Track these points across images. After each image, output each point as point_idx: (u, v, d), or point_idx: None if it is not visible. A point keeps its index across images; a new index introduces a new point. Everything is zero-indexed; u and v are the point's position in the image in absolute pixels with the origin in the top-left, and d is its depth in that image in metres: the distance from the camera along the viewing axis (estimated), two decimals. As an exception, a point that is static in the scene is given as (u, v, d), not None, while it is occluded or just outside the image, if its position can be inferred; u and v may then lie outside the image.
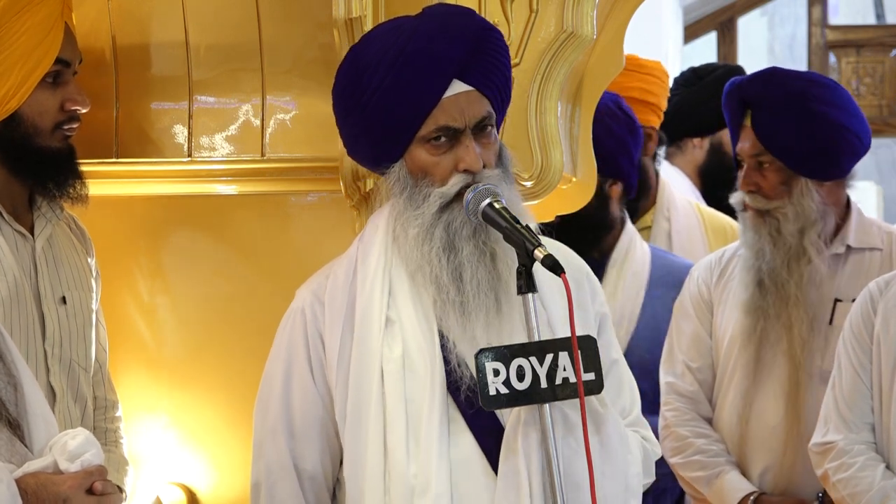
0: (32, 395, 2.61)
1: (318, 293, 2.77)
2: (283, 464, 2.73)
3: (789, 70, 3.78)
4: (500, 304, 2.64)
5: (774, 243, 3.63)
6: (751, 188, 3.65)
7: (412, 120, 2.64)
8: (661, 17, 8.77)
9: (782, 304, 3.62)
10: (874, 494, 3.24)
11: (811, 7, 10.75)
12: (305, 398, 2.74)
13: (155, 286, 3.49)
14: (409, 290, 2.69)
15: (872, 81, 10.54)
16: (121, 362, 3.44)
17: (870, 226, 3.76)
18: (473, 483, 2.62)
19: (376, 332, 2.67)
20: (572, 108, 3.44)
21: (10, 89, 3.05)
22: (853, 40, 10.69)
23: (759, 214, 3.65)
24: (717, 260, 3.86)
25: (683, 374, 3.77)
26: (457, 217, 2.65)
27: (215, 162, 3.46)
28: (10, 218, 3.12)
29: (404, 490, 2.60)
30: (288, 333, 2.78)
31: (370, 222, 2.81)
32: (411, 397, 2.64)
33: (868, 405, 3.32)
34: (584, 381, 2.57)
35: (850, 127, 3.64)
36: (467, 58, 2.66)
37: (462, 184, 2.64)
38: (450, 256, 2.64)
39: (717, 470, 3.65)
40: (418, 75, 2.63)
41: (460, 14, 2.74)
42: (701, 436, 3.70)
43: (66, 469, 2.49)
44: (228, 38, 3.43)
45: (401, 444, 2.61)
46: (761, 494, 3.62)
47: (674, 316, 3.87)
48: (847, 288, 3.65)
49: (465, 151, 2.64)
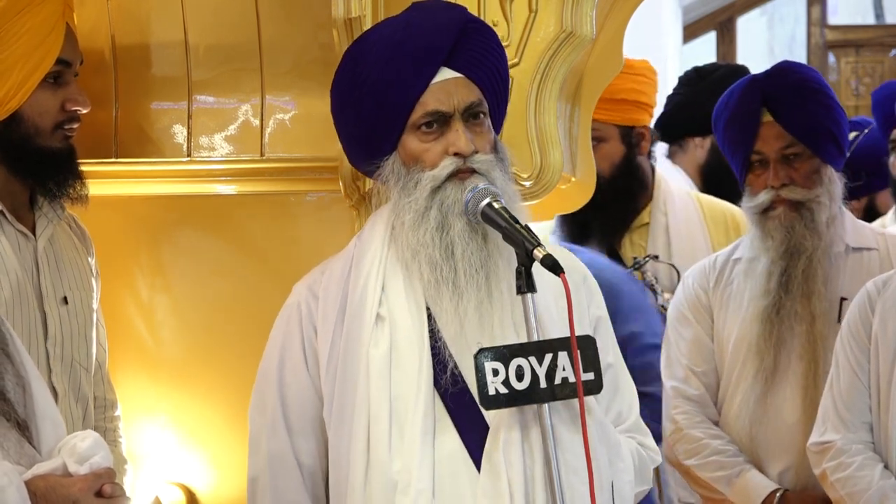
0: (41, 396, 2.62)
1: (314, 288, 2.79)
2: (285, 458, 2.74)
3: (794, 62, 3.82)
4: (490, 284, 2.65)
5: (807, 236, 3.63)
6: (784, 181, 3.64)
7: (402, 106, 2.67)
8: (660, 16, 8.78)
9: (806, 299, 3.63)
10: (872, 494, 3.24)
11: (810, 7, 10.75)
12: (301, 393, 2.75)
13: (154, 286, 3.50)
14: (402, 284, 2.71)
15: (872, 81, 10.54)
16: (120, 362, 3.45)
17: (862, 227, 3.80)
18: (456, 480, 2.62)
19: (365, 329, 2.68)
20: (571, 107, 3.44)
21: (10, 89, 3.06)
22: (852, 40, 10.69)
23: (794, 208, 3.64)
24: (711, 265, 3.84)
25: (688, 379, 3.76)
26: (449, 195, 2.66)
27: (215, 162, 3.46)
28: (12, 218, 3.12)
29: (386, 485, 2.61)
30: (284, 328, 2.79)
31: (369, 221, 2.83)
32: (397, 393, 2.65)
33: (866, 404, 3.32)
34: (584, 381, 2.57)
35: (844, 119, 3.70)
36: (454, 46, 2.70)
37: (453, 167, 2.66)
38: (442, 235, 2.66)
39: (737, 469, 3.65)
40: (407, 62, 2.67)
41: (448, 7, 2.80)
42: (715, 437, 3.70)
43: (75, 471, 2.50)
44: (228, 38, 3.43)
45: (384, 440, 2.62)
46: (786, 492, 3.62)
47: (669, 322, 3.85)
48: (850, 286, 3.65)
49: (455, 136, 2.67)
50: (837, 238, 3.67)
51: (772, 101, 3.65)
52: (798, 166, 3.65)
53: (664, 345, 3.87)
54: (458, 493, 2.61)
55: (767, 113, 3.66)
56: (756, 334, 3.66)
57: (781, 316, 3.64)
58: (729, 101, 3.76)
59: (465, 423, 2.64)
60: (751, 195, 3.70)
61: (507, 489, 2.57)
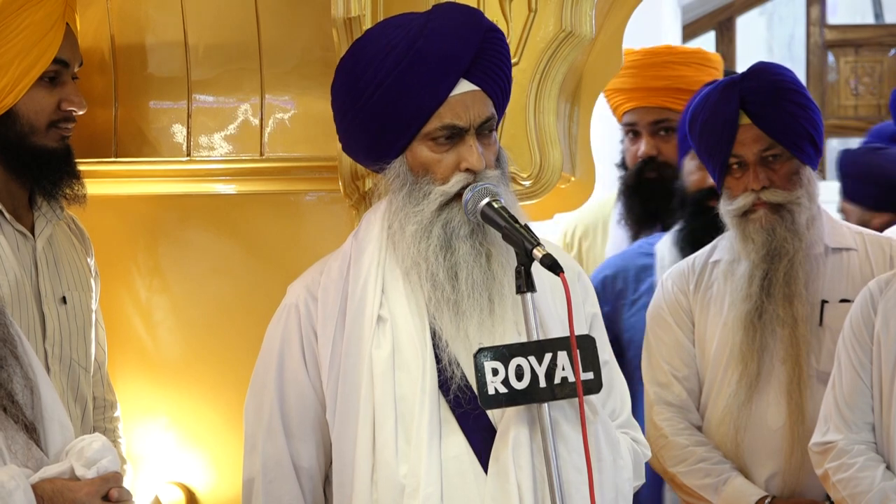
0: (49, 398, 2.62)
1: (312, 289, 2.76)
2: (281, 461, 2.73)
3: (770, 62, 3.80)
4: (494, 305, 2.64)
5: (788, 239, 3.61)
6: (764, 184, 3.63)
7: (417, 116, 2.65)
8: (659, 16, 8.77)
9: (788, 302, 3.61)
10: (874, 495, 3.23)
11: (810, 6, 10.75)
12: (301, 395, 2.73)
13: (153, 285, 3.49)
14: (402, 287, 2.69)
15: (871, 81, 10.54)
16: (119, 361, 3.45)
17: (840, 226, 3.77)
18: (463, 483, 2.61)
19: (367, 331, 2.66)
20: (571, 107, 3.44)
21: (6, 86, 3.05)
22: (852, 40, 10.68)
23: (775, 210, 3.63)
24: (689, 267, 3.81)
25: (670, 384, 3.73)
26: (455, 216, 2.65)
27: (214, 161, 3.46)
28: (11, 218, 3.12)
29: (394, 490, 2.60)
30: (282, 329, 2.76)
31: (365, 219, 2.80)
32: (402, 396, 2.63)
33: (868, 405, 3.32)
34: (583, 381, 2.57)
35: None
36: (474, 58, 2.67)
37: (463, 183, 2.65)
38: (446, 255, 2.64)
39: (723, 476, 3.63)
40: (428, 72, 2.63)
41: (468, 13, 2.74)
42: (700, 444, 3.69)
43: (82, 475, 2.50)
44: (227, 38, 3.43)
45: (390, 444, 2.61)
46: (774, 498, 3.61)
47: (648, 324, 3.81)
48: (830, 289, 3.64)
49: (468, 151, 2.65)
50: (817, 239, 3.65)
51: (749, 104, 3.63)
52: (777, 168, 3.63)
53: (644, 348, 3.83)
54: (467, 496, 2.60)
55: (745, 115, 3.64)
56: (739, 340, 3.63)
57: (764, 320, 3.62)
58: (705, 103, 3.71)
59: (469, 424, 2.63)
60: (729, 198, 3.67)
61: (515, 491, 2.57)
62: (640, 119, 4.62)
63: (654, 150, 4.59)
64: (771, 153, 3.62)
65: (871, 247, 3.69)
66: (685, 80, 4.54)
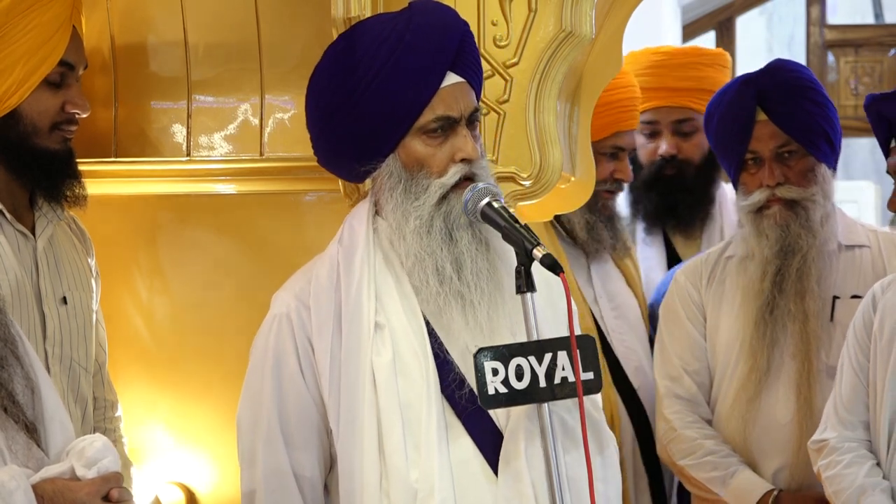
0: (50, 399, 2.62)
1: (302, 297, 2.73)
2: (282, 473, 2.71)
3: (788, 60, 3.81)
4: (496, 293, 2.65)
5: (801, 235, 3.62)
6: (779, 180, 3.64)
7: (411, 109, 2.66)
8: (659, 15, 8.78)
9: (799, 298, 3.62)
10: (853, 492, 3.23)
11: (810, 6, 10.74)
12: (300, 404, 2.71)
13: (154, 285, 3.49)
14: (395, 292, 2.69)
15: (871, 81, 10.54)
16: (120, 362, 3.45)
17: (853, 224, 3.79)
18: (474, 484, 2.61)
19: (365, 338, 2.65)
20: (571, 107, 3.44)
21: (11, 86, 3.05)
22: (852, 40, 10.68)
23: (789, 207, 3.64)
24: (702, 262, 3.84)
25: (681, 378, 3.76)
26: (454, 207, 2.66)
27: (214, 161, 3.46)
28: (11, 218, 3.12)
29: (406, 495, 2.59)
30: (273, 340, 2.73)
31: (346, 223, 2.78)
32: (406, 401, 2.63)
33: (864, 403, 3.33)
34: (583, 381, 2.57)
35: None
36: (458, 50, 2.70)
37: (461, 173, 2.66)
38: (450, 246, 2.65)
39: (731, 469, 3.65)
40: (419, 64, 2.65)
41: (446, 9, 2.79)
42: (708, 437, 3.70)
43: (82, 475, 2.50)
44: (227, 38, 3.43)
45: (399, 450, 2.60)
46: (781, 491, 3.62)
47: (661, 319, 3.85)
48: (843, 285, 3.66)
49: (462, 141, 2.67)
50: (831, 236, 3.67)
51: (766, 100, 3.65)
52: (793, 165, 3.65)
53: (656, 343, 3.86)
54: (480, 498, 2.61)
55: (762, 112, 3.66)
56: (750, 334, 3.66)
57: (775, 315, 3.64)
58: (722, 99, 3.75)
59: (475, 426, 2.64)
60: (744, 193, 3.70)
61: (531, 492, 2.57)
62: (663, 118, 4.66)
63: (674, 148, 4.64)
64: (786, 150, 3.65)
65: (884, 244, 3.72)
66: (709, 81, 4.62)
